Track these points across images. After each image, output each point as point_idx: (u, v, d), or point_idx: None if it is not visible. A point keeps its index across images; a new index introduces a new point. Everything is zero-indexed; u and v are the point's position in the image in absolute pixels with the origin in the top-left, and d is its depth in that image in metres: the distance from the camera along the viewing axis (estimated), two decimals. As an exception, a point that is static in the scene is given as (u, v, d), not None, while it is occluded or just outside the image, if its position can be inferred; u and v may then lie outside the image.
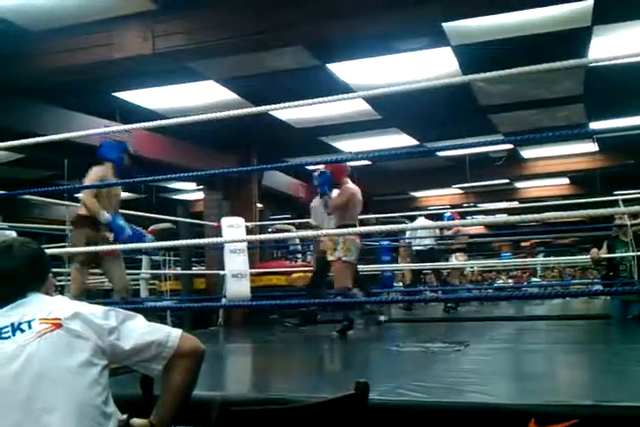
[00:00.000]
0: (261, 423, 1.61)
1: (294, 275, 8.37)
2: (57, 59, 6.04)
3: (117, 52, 5.83)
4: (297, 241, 10.68)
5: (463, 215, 13.37)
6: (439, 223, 7.88)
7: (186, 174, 4.08)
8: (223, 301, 7.16)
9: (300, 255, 11.44)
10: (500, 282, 15.20)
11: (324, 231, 5.83)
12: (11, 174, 10.96)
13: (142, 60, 5.87)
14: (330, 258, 5.62)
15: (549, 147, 11.70)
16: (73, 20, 5.77)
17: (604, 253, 6.23)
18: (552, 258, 14.86)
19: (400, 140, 10.54)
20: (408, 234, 9.68)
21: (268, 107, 3.60)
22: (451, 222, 5.63)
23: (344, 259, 5.56)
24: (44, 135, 4.35)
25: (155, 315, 7.38)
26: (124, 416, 1.61)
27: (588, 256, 6.50)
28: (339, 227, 5.55)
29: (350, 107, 8.56)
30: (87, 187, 4.84)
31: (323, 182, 5.68)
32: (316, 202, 6.58)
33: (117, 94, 7.75)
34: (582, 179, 13.83)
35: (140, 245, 5.26)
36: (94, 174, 4.90)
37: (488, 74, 3.13)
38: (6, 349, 1.55)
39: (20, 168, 10.74)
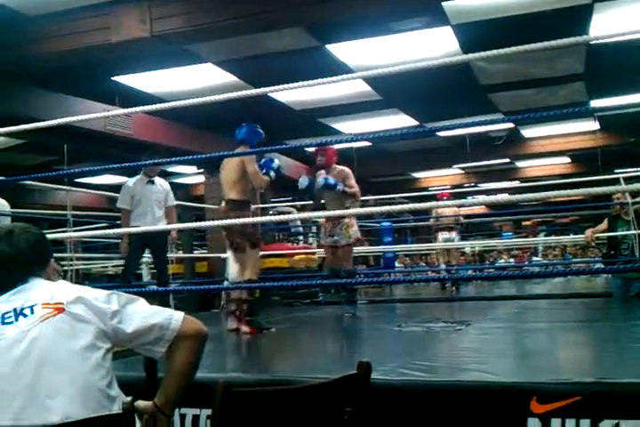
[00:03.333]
0: (265, 404, 1.62)
1: (296, 257, 8.40)
2: (55, 43, 6.01)
3: (115, 35, 5.80)
4: (298, 223, 10.69)
5: (463, 196, 13.38)
6: (448, 202, 7.88)
7: (186, 158, 4.08)
8: (225, 283, 7.18)
9: (301, 237, 11.47)
10: (501, 261, 15.22)
11: (325, 213, 5.83)
12: (10, 160, 10.95)
13: (140, 44, 5.84)
14: (349, 241, 5.76)
15: (550, 126, 11.67)
16: (70, 4, 5.74)
17: (602, 229, 6.24)
18: (553, 237, 14.86)
19: (400, 120, 10.51)
20: None
21: (267, 89, 3.57)
22: (456, 202, 5.59)
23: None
24: (44, 120, 4.34)
25: (157, 298, 7.41)
26: (129, 399, 1.62)
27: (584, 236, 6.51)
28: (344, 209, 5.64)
29: (350, 88, 8.53)
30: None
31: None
32: None
33: (116, 78, 7.72)
34: (583, 157, 13.79)
35: (141, 229, 5.27)
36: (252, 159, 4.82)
37: (488, 53, 3.11)
38: (9, 334, 1.56)
39: (20, 154, 10.73)
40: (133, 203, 5.99)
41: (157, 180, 6.20)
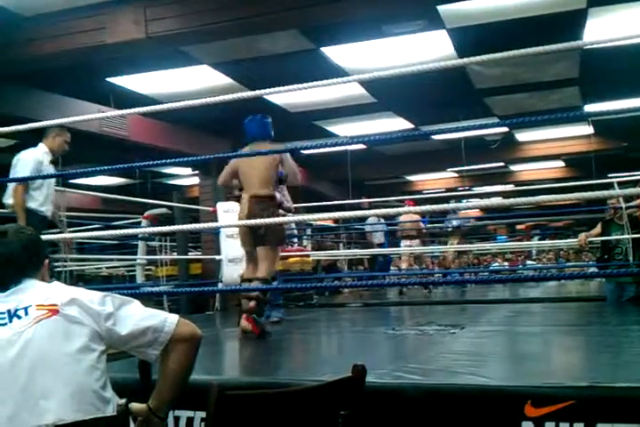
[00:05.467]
0: (259, 407, 1.61)
1: (290, 259, 8.37)
2: (50, 44, 6.00)
3: (110, 36, 5.79)
4: (293, 226, 10.68)
5: (459, 200, 13.39)
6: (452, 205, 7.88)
7: (181, 159, 4.07)
8: (219, 285, 7.17)
9: (296, 240, 11.46)
10: (495, 265, 15.25)
11: (325, 215, 5.80)
12: (3, 160, 10.89)
13: (136, 45, 5.83)
14: None
15: (544, 130, 11.70)
16: (66, 5, 5.73)
17: (596, 233, 6.26)
18: (547, 241, 14.89)
19: (395, 123, 10.52)
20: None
21: (262, 91, 3.57)
22: (461, 205, 5.60)
23: None
24: (38, 121, 4.33)
25: (151, 300, 7.40)
26: (123, 401, 1.61)
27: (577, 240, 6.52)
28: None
29: (345, 91, 8.53)
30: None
31: None
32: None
33: (111, 79, 7.71)
34: (577, 161, 13.85)
35: (135, 231, 5.26)
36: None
37: (483, 57, 3.12)
38: (3, 335, 1.55)
39: (13, 154, 10.66)
40: (35, 182, 4.93)
41: None
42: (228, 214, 7.14)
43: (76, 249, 9.50)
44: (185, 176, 13.91)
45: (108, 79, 7.68)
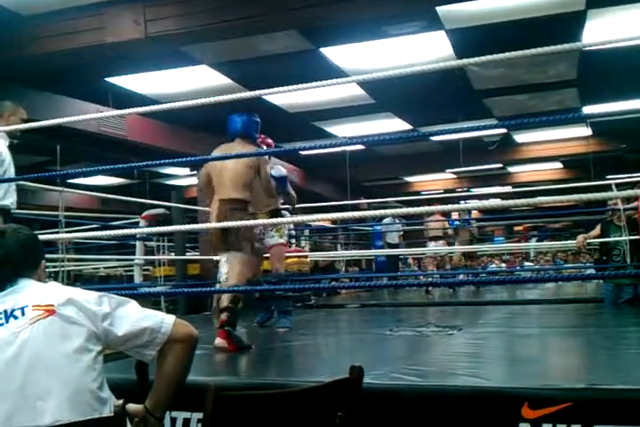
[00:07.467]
0: (257, 408, 1.61)
1: (289, 260, 8.37)
2: (48, 43, 6.00)
3: (109, 36, 5.79)
4: (291, 226, 10.66)
5: (457, 201, 13.42)
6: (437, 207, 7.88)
7: (179, 160, 4.06)
8: (217, 286, 7.16)
9: (294, 240, 11.45)
10: (493, 266, 15.24)
11: (323, 215, 5.78)
12: None
13: (134, 45, 5.83)
14: (279, 240, 5.39)
15: (543, 131, 11.71)
16: (64, 4, 5.73)
17: (595, 235, 6.26)
18: (545, 242, 14.89)
19: (394, 124, 10.53)
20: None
21: (261, 91, 3.57)
22: (448, 206, 5.58)
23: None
24: (37, 121, 4.32)
25: (149, 300, 7.39)
26: (120, 402, 1.61)
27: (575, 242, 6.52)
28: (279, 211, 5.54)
29: (344, 91, 8.53)
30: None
31: None
32: None
33: (110, 79, 7.70)
34: (575, 163, 13.86)
35: (133, 231, 5.25)
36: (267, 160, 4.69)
37: (482, 58, 3.12)
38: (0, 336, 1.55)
39: (12, 154, 10.67)
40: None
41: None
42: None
43: (74, 249, 9.49)
44: (183, 176, 13.90)
45: (106, 79, 7.67)
